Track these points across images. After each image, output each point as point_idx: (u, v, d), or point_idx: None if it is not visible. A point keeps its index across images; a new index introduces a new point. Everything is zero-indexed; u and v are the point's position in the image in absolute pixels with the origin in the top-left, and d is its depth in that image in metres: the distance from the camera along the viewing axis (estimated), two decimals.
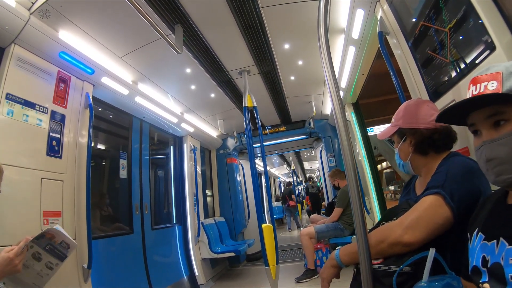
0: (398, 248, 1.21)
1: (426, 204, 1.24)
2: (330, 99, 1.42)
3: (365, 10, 2.85)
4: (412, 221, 1.22)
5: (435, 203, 1.21)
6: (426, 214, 1.21)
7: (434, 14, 1.81)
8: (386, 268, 1.21)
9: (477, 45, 1.49)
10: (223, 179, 7.34)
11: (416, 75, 2.25)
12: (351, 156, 1.33)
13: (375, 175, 5.01)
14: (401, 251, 1.21)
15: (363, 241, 1.23)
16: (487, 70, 0.92)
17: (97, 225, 3.70)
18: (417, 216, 1.22)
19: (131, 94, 3.97)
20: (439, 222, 1.19)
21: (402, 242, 1.20)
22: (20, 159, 2.43)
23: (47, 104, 2.78)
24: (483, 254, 0.92)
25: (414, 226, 1.20)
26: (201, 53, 3.79)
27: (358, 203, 1.28)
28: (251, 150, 3.99)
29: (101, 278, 3.18)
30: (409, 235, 1.19)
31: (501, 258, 0.84)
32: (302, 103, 6.13)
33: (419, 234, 1.18)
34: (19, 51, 2.57)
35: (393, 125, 1.56)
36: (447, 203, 1.19)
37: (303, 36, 3.71)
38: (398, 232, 1.22)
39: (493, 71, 0.90)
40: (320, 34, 1.45)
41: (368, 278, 1.21)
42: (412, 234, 1.19)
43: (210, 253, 5.53)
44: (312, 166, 19.36)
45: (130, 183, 4.23)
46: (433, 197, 1.23)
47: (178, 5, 2.91)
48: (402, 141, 1.51)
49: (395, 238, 1.22)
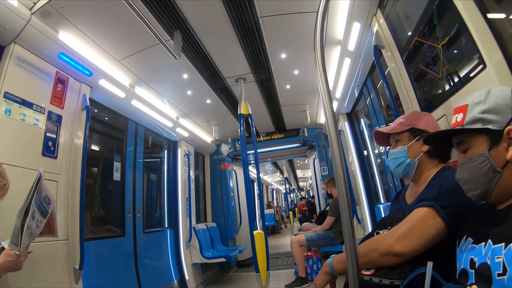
0: (389, 258, 1.22)
1: (418, 215, 1.25)
2: (324, 111, 1.44)
3: (361, 23, 2.92)
4: (404, 232, 1.23)
5: (428, 214, 1.23)
6: (419, 225, 1.22)
7: (428, 30, 1.86)
8: (377, 280, 1.21)
9: (469, 62, 1.53)
10: (216, 185, 7.33)
11: (409, 89, 2.31)
12: (342, 166, 1.34)
13: (368, 185, 5.06)
14: (391, 262, 1.21)
15: (352, 250, 1.23)
16: (463, 101, 1.06)
17: (88, 226, 3.68)
18: (409, 227, 1.23)
19: (127, 97, 3.99)
20: (432, 233, 1.20)
21: (393, 251, 1.21)
22: (15, 158, 2.44)
23: (44, 104, 2.79)
24: (471, 256, 0.98)
25: (406, 236, 1.21)
26: (198, 59, 3.84)
27: (348, 213, 1.28)
28: (245, 156, 4.01)
29: (92, 279, 3.17)
30: (400, 245, 1.20)
31: (487, 258, 0.90)
32: (296, 111, 6.20)
33: (410, 244, 1.19)
34: (18, 50, 2.59)
35: (403, 124, 1.57)
36: (440, 215, 1.20)
37: (299, 46, 3.77)
38: (390, 242, 1.23)
39: (464, 103, 1.05)
40: (316, 47, 1.48)
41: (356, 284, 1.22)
42: (403, 244, 1.20)
43: (201, 258, 5.52)
44: (304, 174, 19.41)
45: (123, 185, 4.23)
46: (426, 209, 1.24)
47: (178, 11, 2.96)
48: (415, 140, 1.52)
49: (386, 248, 1.23)
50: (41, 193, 1.82)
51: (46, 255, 2.48)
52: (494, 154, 0.95)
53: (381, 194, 4.66)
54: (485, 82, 1.42)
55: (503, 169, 0.93)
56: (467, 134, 1.02)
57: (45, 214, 1.88)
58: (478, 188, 0.99)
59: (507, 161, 0.93)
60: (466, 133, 1.02)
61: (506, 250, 0.84)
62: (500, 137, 0.94)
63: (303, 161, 13.74)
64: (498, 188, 0.95)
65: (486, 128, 0.96)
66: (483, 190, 0.97)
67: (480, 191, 0.98)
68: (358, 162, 5.18)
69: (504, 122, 0.94)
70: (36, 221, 1.79)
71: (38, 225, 1.83)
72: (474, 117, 0.99)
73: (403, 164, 1.54)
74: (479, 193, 0.99)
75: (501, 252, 0.86)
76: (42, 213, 1.85)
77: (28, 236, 1.74)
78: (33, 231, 1.78)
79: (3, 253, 1.70)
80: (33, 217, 1.74)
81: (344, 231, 1.27)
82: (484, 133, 0.97)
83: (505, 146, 0.93)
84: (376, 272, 1.24)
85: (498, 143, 0.94)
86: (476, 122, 0.98)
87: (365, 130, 4.99)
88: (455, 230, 1.18)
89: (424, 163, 1.51)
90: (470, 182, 1.01)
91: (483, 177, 0.96)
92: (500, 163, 0.94)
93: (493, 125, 0.95)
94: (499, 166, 0.94)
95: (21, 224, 1.67)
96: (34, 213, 1.75)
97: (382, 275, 1.21)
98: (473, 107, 1.01)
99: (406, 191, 1.65)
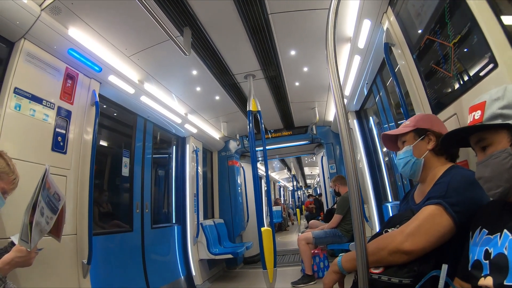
0: (398, 256, 1.22)
1: (427, 213, 1.25)
2: (335, 107, 1.45)
3: (371, 20, 2.88)
4: (413, 229, 1.23)
5: (436, 212, 1.23)
6: (427, 223, 1.23)
7: (439, 28, 1.83)
8: (386, 279, 1.22)
9: (480, 61, 1.51)
10: (224, 181, 7.35)
11: (419, 87, 2.28)
12: (353, 164, 1.36)
13: (376, 183, 5.02)
14: (400, 260, 1.22)
15: (362, 247, 1.25)
16: (478, 100, 1.05)
17: (97, 221, 3.71)
18: (417, 225, 1.24)
19: (137, 93, 4.00)
20: (440, 230, 1.20)
21: (402, 249, 1.21)
22: (25, 153, 2.46)
23: (54, 99, 2.81)
24: (486, 247, 0.98)
25: (415, 233, 1.22)
26: (208, 56, 3.83)
27: (359, 210, 1.30)
28: (253, 153, 4.00)
29: (99, 274, 3.20)
30: (409, 242, 1.21)
31: (504, 248, 0.90)
32: (305, 109, 6.17)
33: (419, 242, 1.20)
34: (28, 46, 2.60)
35: (408, 126, 1.60)
36: (448, 213, 1.20)
37: (309, 43, 3.74)
38: (399, 239, 1.24)
39: (481, 101, 1.04)
40: (328, 44, 1.48)
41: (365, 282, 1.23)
42: (412, 242, 1.21)
43: (208, 254, 5.53)
44: (312, 171, 19.39)
45: (132, 181, 4.26)
46: (434, 207, 1.25)
47: (188, 7, 2.95)
48: (420, 139, 1.54)
49: (395, 246, 1.23)
50: (49, 190, 1.83)
51: (55, 249, 2.50)
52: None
53: (389, 193, 4.62)
54: (496, 81, 1.41)
55: None
56: (488, 131, 1.01)
57: (55, 210, 1.89)
58: (500, 186, 0.96)
59: None
60: (487, 130, 1.01)
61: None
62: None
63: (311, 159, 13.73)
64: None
65: (507, 124, 0.95)
66: (505, 188, 0.95)
67: (503, 189, 0.95)
68: (366, 160, 5.14)
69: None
70: (46, 217, 1.80)
71: (48, 221, 1.84)
72: (494, 113, 0.98)
73: (409, 163, 1.55)
74: (502, 191, 0.96)
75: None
76: (52, 209, 1.86)
77: (38, 233, 1.75)
78: (43, 227, 1.79)
79: (14, 248, 1.71)
80: (42, 214, 1.75)
81: (355, 230, 1.29)
82: (505, 128, 0.97)
83: None
84: (385, 270, 1.25)
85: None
86: (497, 118, 0.97)
87: (374, 128, 4.96)
88: (464, 228, 1.17)
89: (430, 161, 1.51)
90: (492, 180, 0.98)
91: (506, 173, 0.94)
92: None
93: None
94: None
95: (30, 221, 1.67)
96: (43, 210, 1.76)
97: (391, 273, 1.22)
98: (491, 103, 1.00)
99: (414, 191, 1.66)
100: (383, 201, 4.87)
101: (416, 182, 1.68)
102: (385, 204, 4.72)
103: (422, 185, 1.56)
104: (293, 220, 18.50)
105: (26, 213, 1.71)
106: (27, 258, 1.71)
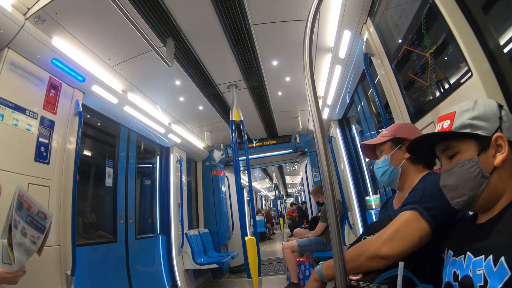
0: (376, 261, 1.24)
1: (403, 218, 1.28)
2: (312, 120, 1.47)
3: (351, 31, 2.98)
4: (390, 235, 1.26)
5: (412, 217, 1.26)
6: (404, 227, 1.25)
7: (417, 39, 1.91)
8: (364, 285, 1.23)
9: (456, 71, 1.58)
10: (208, 191, 7.33)
11: (398, 96, 2.36)
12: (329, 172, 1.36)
13: (359, 190, 5.10)
14: (379, 265, 1.24)
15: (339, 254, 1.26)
16: (448, 110, 1.08)
17: (80, 232, 3.66)
18: (394, 230, 1.26)
19: (120, 103, 4.00)
20: (417, 234, 1.22)
21: (379, 254, 1.23)
22: (8, 163, 2.43)
23: (37, 109, 2.80)
24: (454, 269, 1.01)
25: (392, 239, 1.24)
26: (191, 66, 3.87)
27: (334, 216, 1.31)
28: (236, 163, 4.03)
29: (83, 285, 3.15)
30: (386, 247, 1.23)
31: (469, 270, 0.93)
32: (288, 118, 6.24)
33: (396, 247, 1.22)
34: (12, 55, 2.60)
35: (385, 135, 1.62)
36: (423, 217, 1.23)
37: (291, 54, 3.83)
38: (376, 245, 1.25)
39: (451, 111, 1.06)
40: (305, 56, 1.52)
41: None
42: (389, 247, 1.23)
43: (193, 264, 5.50)
44: (293, 180, 19.41)
45: (115, 191, 4.22)
46: (410, 212, 1.27)
47: (171, 18, 3.00)
48: (397, 148, 1.57)
49: (373, 251, 1.25)
50: (30, 209, 1.82)
51: (38, 260, 2.44)
52: (482, 160, 0.96)
53: (372, 199, 4.70)
54: (472, 89, 1.46)
55: (491, 175, 0.95)
56: (456, 139, 1.03)
57: (41, 229, 1.88)
58: (465, 194, 0.98)
59: (494, 168, 0.95)
60: (455, 138, 1.03)
61: (486, 262, 0.86)
62: (488, 143, 0.96)
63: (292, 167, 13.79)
64: (485, 194, 0.96)
65: (475, 134, 0.98)
66: (470, 196, 0.97)
67: (467, 197, 0.97)
68: (349, 168, 5.21)
69: (492, 129, 0.96)
70: (30, 237, 1.79)
71: (36, 241, 1.83)
72: (464, 122, 1.00)
73: (387, 173, 1.58)
74: (466, 199, 0.98)
75: (481, 265, 0.87)
76: (37, 228, 1.85)
77: (24, 253, 1.75)
78: (29, 247, 1.79)
79: None
80: (24, 234, 1.74)
81: (332, 237, 1.29)
82: (473, 138, 0.99)
83: (492, 153, 0.96)
84: (363, 277, 1.26)
85: (486, 149, 0.96)
86: (466, 127, 1.00)
87: (357, 136, 5.04)
88: (443, 233, 1.21)
89: (407, 170, 1.55)
90: (457, 188, 1.00)
91: (471, 182, 0.96)
92: (488, 169, 0.95)
93: (482, 131, 0.97)
94: (487, 172, 0.95)
95: (9, 243, 1.67)
96: (24, 230, 1.75)
97: (369, 279, 1.23)
98: (461, 114, 1.02)
99: (393, 199, 1.69)
100: (366, 209, 4.95)
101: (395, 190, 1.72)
102: (368, 211, 4.79)
103: (400, 192, 1.59)
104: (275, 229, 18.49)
105: (3, 235, 1.69)
106: (14, 276, 1.70)
